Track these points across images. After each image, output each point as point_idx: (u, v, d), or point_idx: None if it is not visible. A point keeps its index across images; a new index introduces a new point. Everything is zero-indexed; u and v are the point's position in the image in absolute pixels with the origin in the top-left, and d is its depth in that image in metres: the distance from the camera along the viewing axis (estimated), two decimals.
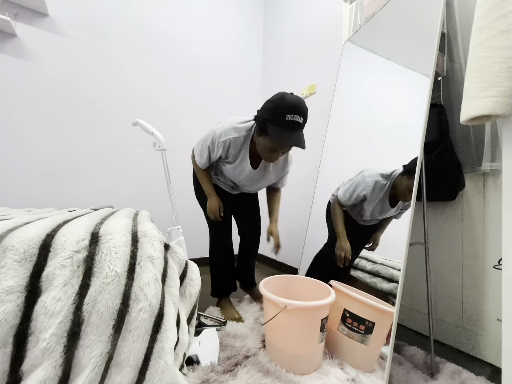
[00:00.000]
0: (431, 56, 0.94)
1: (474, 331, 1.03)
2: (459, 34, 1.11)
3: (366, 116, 1.30)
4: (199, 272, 0.74)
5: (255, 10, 2.61)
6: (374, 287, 1.02)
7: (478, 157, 1.03)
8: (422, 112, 0.91)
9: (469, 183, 1.07)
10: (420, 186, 0.95)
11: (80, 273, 0.50)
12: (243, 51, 2.50)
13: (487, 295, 1.00)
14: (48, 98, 1.59)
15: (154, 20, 1.99)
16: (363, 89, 1.37)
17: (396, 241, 0.94)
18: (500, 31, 0.53)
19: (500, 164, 0.95)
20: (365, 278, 1.08)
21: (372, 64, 1.33)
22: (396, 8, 1.21)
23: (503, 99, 0.52)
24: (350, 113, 1.43)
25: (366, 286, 1.06)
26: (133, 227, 0.64)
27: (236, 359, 0.90)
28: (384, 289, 0.97)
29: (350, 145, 1.40)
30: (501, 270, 0.56)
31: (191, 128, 2.16)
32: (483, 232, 1.03)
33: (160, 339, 0.52)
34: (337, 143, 1.49)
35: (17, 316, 0.45)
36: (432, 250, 1.18)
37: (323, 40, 1.87)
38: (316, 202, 1.55)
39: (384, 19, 1.27)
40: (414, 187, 0.86)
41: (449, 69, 1.15)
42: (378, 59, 1.30)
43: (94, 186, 1.73)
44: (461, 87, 1.09)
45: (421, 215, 1.21)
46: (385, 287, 0.97)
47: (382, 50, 1.27)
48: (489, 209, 1.01)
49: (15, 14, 1.48)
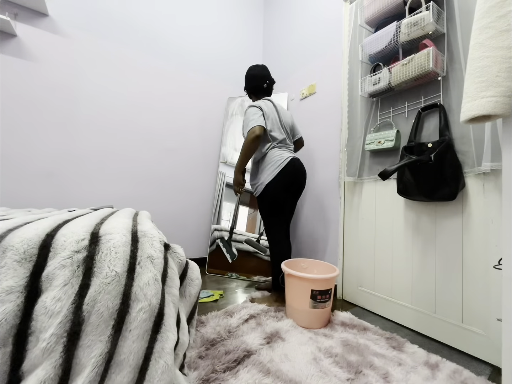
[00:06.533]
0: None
1: (474, 331, 1.03)
2: (459, 34, 1.11)
3: None
4: (199, 272, 0.74)
5: (255, 10, 2.61)
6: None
7: (478, 157, 1.03)
8: None
9: (469, 183, 1.07)
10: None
11: (80, 273, 0.50)
12: (243, 51, 2.50)
13: (487, 295, 1.00)
14: (48, 98, 1.59)
15: (154, 20, 1.99)
16: None
17: None
18: (500, 31, 0.53)
19: (500, 164, 0.95)
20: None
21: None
22: None
23: (503, 99, 0.52)
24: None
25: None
26: (133, 227, 0.64)
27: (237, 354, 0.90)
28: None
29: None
30: (501, 270, 0.56)
31: (191, 127, 2.16)
32: (483, 232, 1.03)
33: (160, 339, 0.52)
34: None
35: (17, 316, 0.45)
36: (432, 250, 1.18)
37: (323, 40, 1.87)
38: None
39: None
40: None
41: (449, 69, 1.15)
42: None
43: (94, 186, 1.73)
44: (461, 87, 1.09)
45: (416, 212, 1.21)
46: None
47: None
48: (489, 209, 1.01)
49: (15, 14, 1.47)
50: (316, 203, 1.83)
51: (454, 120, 1.12)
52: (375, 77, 1.34)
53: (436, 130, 1.18)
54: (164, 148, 2.02)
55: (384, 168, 1.11)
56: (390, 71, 1.27)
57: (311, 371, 0.86)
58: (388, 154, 1.37)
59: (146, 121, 1.94)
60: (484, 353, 1.00)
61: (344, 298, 1.58)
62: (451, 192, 1.05)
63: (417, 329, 1.21)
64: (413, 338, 1.15)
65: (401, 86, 1.27)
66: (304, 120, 1.99)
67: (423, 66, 1.12)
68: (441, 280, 1.15)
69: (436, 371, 0.90)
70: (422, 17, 1.12)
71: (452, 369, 0.91)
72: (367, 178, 1.47)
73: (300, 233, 1.96)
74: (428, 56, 1.10)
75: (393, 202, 1.35)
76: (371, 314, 1.39)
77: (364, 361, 0.93)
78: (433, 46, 1.13)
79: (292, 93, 2.13)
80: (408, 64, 1.18)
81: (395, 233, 1.33)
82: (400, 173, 1.22)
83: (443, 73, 1.15)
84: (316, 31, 1.94)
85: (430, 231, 1.19)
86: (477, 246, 1.04)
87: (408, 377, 0.86)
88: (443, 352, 1.05)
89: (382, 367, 0.90)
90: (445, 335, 1.11)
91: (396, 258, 1.32)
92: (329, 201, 1.73)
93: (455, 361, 0.98)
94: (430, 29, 1.13)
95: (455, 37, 1.13)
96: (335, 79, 1.74)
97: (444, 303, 1.13)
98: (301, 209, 1.96)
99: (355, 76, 1.54)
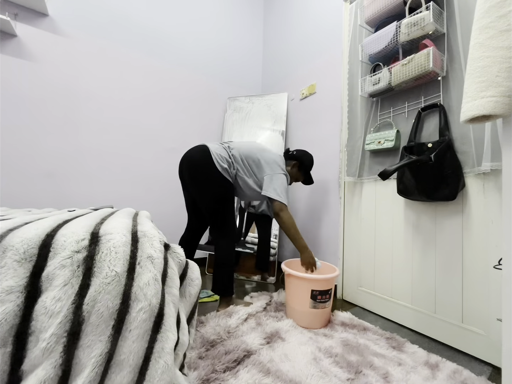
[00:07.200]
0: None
1: (474, 331, 1.03)
2: (459, 34, 1.11)
3: None
4: (199, 272, 0.74)
5: (255, 11, 2.61)
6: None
7: (478, 157, 1.03)
8: None
9: (469, 183, 1.07)
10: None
11: (80, 273, 0.50)
12: (243, 50, 2.50)
13: (487, 295, 1.00)
14: (48, 98, 1.59)
15: (154, 20, 1.99)
16: None
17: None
18: (500, 31, 0.53)
19: (500, 164, 0.95)
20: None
21: None
22: None
23: (503, 99, 0.52)
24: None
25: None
26: (133, 227, 0.64)
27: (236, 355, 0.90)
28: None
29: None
30: (501, 270, 0.56)
31: (192, 127, 2.16)
32: (483, 232, 1.03)
33: (160, 339, 0.52)
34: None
35: (17, 316, 0.45)
36: (432, 250, 1.18)
37: (323, 40, 1.87)
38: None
39: None
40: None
41: (449, 69, 1.15)
42: None
43: (94, 186, 1.73)
44: (461, 87, 1.09)
45: (416, 211, 1.21)
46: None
47: None
48: (489, 209, 1.01)
49: (15, 14, 1.47)
50: (316, 203, 1.83)
51: (454, 120, 1.12)
52: (375, 77, 1.34)
53: (436, 130, 1.18)
54: (164, 148, 2.02)
55: (384, 168, 1.11)
56: (390, 71, 1.27)
57: (311, 371, 0.86)
58: (388, 154, 1.37)
59: (146, 121, 1.94)
60: (484, 353, 1.00)
61: (344, 298, 1.58)
62: (451, 192, 1.05)
63: (417, 329, 1.21)
64: (413, 338, 1.15)
65: (401, 86, 1.27)
66: (304, 120, 1.99)
67: (423, 66, 1.12)
68: (441, 280, 1.14)
69: (436, 371, 0.90)
70: (422, 17, 1.12)
71: (452, 369, 0.91)
72: (367, 178, 1.47)
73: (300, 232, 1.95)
74: (428, 56, 1.10)
75: (393, 202, 1.35)
76: (371, 314, 1.39)
77: (364, 361, 0.93)
78: (433, 46, 1.13)
79: (292, 93, 2.13)
80: (408, 64, 1.18)
81: (395, 233, 1.33)
82: (400, 173, 1.22)
83: (443, 73, 1.15)
84: (316, 31, 1.94)
85: (430, 231, 1.19)
86: (477, 246, 1.04)
87: (408, 377, 0.86)
88: (443, 352, 1.05)
89: (382, 367, 0.90)
90: (445, 335, 1.11)
91: (396, 258, 1.32)
92: (329, 201, 1.73)
93: (455, 361, 0.98)
94: (430, 29, 1.13)
95: (455, 37, 1.13)
96: (335, 79, 1.74)
97: (444, 303, 1.13)
98: (301, 209, 1.96)
99: (355, 76, 1.54)
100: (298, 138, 2.05)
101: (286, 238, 2.08)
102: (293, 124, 2.11)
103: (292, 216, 1.32)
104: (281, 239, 2.10)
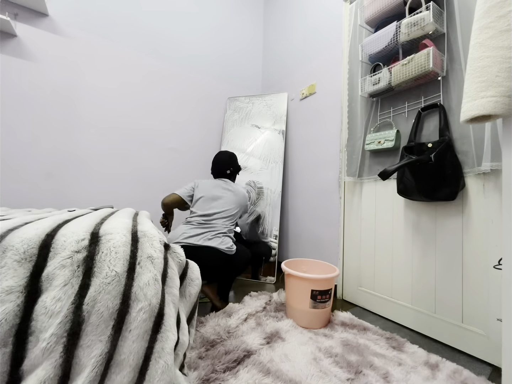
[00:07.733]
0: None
1: (474, 331, 1.03)
2: (459, 34, 1.11)
3: None
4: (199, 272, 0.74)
5: (255, 11, 2.61)
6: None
7: (478, 157, 1.03)
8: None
9: (469, 183, 1.07)
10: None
11: (80, 273, 0.50)
12: (243, 51, 2.50)
13: (487, 295, 1.00)
14: (48, 98, 1.59)
15: (154, 19, 1.99)
16: None
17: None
18: (500, 31, 0.53)
19: (500, 164, 0.95)
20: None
21: None
22: None
23: (503, 99, 0.52)
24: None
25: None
26: (133, 227, 0.64)
27: (236, 355, 0.90)
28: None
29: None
30: (501, 270, 0.56)
31: (192, 127, 2.16)
32: (483, 232, 1.03)
33: (160, 339, 0.52)
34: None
35: (17, 316, 0.45)
36: (432, 250, 1.18)
37: (323, 40, 1.87)
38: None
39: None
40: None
41: (449, 69, 1.15)
42: None
43: (94, 186, 1.73)
44: (461, 87, 1.09)
45: (416, 210, 1.21)
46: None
47: None
48: (489, 209, 1.01)
49: (15, 14, 1.47)
50: (316, 203, 1.83)
51: (454, 120, 1.12)
52: (375, 77, 1.34)
53: (436, 130, 1.18)
54: (165, 148, 2.02)
55: (384, 168, 1.11)
56: (390, 71, 1.27)
57: (311, 371, 0.86)
58: (388, 154, 1.37)
59: (146, 121, 1.94)
60: (484, 353, 1.00)
61: (344, 298, 1.58)
62: (451, 192, 1.05)
63: (417, 329, 1.21)
64: (413, 338, 1.15)
65: (401, 86, 1.27)
66: (304, 120, 1.99)
67: (423, 66, 1.12)
68: (441, 280, 1.14)
69: (436, 371, 0.90)
70: (422, 17, 1.12)
71: (452, 369, 0.91)
72: (367, 178, 1.47)
73: (300, 233, 1.96)
74: (428, 56, 1.10)
75: (393, 202, 1.35)
76: (371, 314, 1.39)
77: (364, 361, 0.93)
78: (433, 46, 1.13)
79: (292, 93, 2.13)
80: (408, 64, 1.18)
81: (395, 233, 1.33)
82: (400, 173, 1.22)
83: (443, 73, 1.15)
84: (316, 31, 1.94)
85: (430, 231, 1.19)
86: (477, 246, 1.04)
87: (408, 377, 0.86)
88: (443, 352, 1.05)
89: (382, 367, 0.90)
90: (445, 335, 1.11)
91: (396, 258, 1.32)
92: (329, 201, 1.73)
93: (455, 361, 0.98)
94: (430, 29, 1.13)
95: (455, 37, 1.13)
96: (335, 79, 1.74)
97: (444, 303, 1.13)
98: (301, 209, 1.96)
99: (355, 76, 1.54)
100: (298, 138, 2.05)
101: (286, 238, 2.08)
102: (293, 124, 2.11)
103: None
104: (281, 239, 2.10)
